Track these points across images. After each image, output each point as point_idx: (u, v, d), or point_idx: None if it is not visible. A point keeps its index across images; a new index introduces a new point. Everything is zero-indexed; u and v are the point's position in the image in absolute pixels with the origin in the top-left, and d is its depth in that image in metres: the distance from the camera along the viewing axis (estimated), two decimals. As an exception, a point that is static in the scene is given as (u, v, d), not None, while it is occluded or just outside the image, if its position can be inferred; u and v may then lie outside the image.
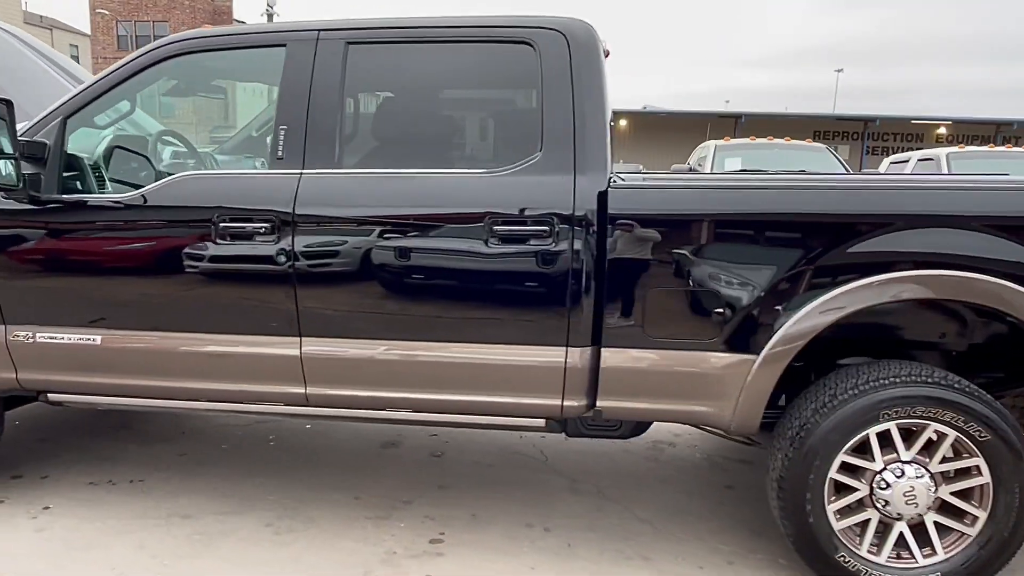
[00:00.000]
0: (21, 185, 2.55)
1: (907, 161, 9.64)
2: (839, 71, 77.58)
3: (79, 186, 2.81)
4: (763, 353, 2.37)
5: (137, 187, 2.91)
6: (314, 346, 2.62)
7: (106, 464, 3.46)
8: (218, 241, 2.60)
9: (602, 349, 2.48)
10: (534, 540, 2.86)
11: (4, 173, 2.52)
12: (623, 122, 28.31)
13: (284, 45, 2.68)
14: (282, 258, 2.57)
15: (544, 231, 2.43)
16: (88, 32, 40.48)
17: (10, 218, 2.73)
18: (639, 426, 2.79)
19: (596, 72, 2.52)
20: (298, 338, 2.62)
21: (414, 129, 2.76)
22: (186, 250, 2.64)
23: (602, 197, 2.42)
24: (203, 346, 2.68)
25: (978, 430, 2.27)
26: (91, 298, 2.74)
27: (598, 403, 2.54)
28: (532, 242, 2.44)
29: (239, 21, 36.35)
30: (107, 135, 2.99)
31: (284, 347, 2.64)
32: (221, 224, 2.59)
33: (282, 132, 2.61)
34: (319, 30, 2.67)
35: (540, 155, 2.49)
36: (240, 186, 2.67)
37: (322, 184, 2.57)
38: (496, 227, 2.46)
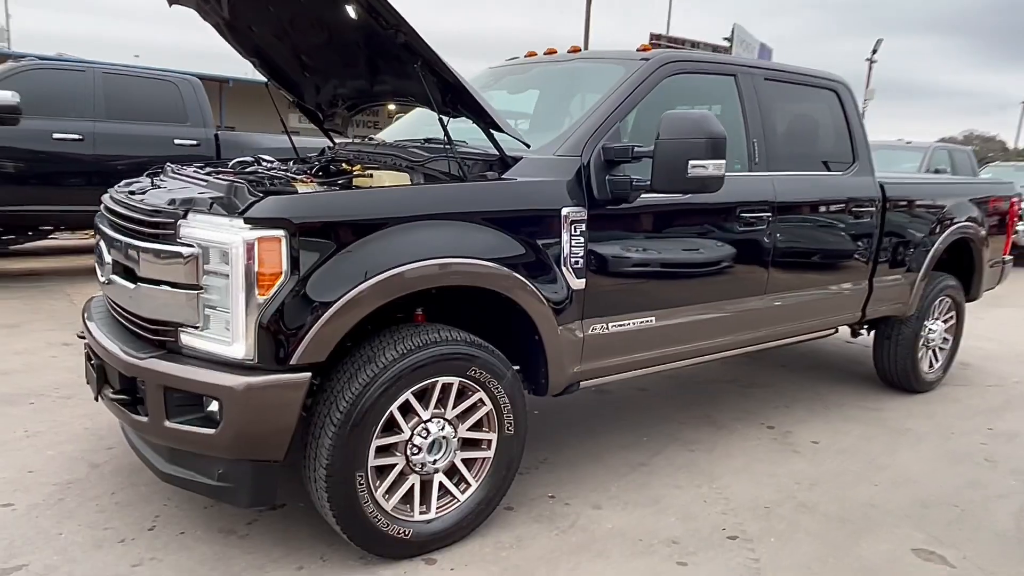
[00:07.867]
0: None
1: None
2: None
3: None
4: None
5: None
6: (774, 299, 3.67)
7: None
8: (739, 228, 3.38)
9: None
10: None
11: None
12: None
13: (734, 76, 3.53)
14: (766, 238, 3.52)
15: (867, 211, 4.07)
16: None
17: (610, 220, 2.95)
18: None
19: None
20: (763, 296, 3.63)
21: (789, 144, 3.91)
22: (730, 238, 3.37)
23: (880, 188, 4.16)
24: (714, 312, 3.42)
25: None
26: (658, 285, 3.19)
27: None
28: (864, 217, 4.04)
29: None
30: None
31: (756, 302, 3.60)
32: (741, 215, 3.38)
33: (755, 143, 3.51)
34: (750, 66, 3.63)
35: (857, 164, 4.09)
36: (746, 185, 3.45)
37: (787, 183, 3.62)
38: (853, 208, 3.97)
